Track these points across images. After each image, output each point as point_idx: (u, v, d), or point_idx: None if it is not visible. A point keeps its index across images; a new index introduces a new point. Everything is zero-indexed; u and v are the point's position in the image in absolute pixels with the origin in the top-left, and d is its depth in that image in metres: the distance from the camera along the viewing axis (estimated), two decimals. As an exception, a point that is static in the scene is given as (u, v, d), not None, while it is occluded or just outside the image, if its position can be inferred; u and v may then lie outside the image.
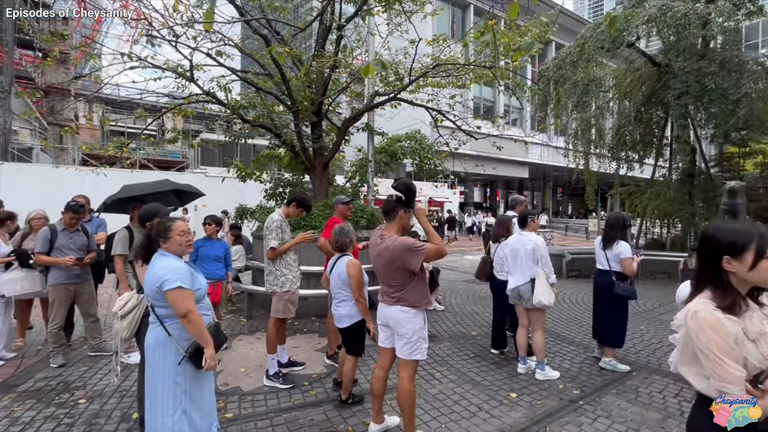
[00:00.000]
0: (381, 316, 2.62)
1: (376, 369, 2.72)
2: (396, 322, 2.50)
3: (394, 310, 2.50)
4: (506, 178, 27.35)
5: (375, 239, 2.61)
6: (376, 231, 2.67)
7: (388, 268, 2.48)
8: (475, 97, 22.75)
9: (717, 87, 8.13)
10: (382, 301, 2.60)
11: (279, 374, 3.51)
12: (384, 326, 2.62)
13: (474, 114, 10.56)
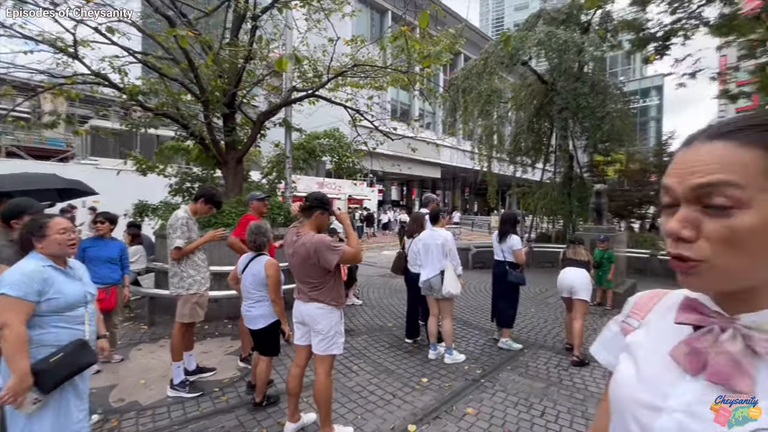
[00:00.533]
0: (297, 314, 2.61)
1: (292, 367, 2.70)
2: (312, 319, 2.52)
3: (311, 308, 2.51)
4: (421, 177, 28.86)
5: (290, 237, 2.60)
6: (291, 228, 2.65)
7: (303, 266, 2.48)
8: (392, 99, 23.52)
9: (588, 105, 9.69)
10: (298, 299, 2.60)
11: (185, 383, 3.28)
12: (300, 323, 2.62)
13: (391, 116, 10.94)
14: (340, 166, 7.49)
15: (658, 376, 0.58)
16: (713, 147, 0.51)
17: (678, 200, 0.53)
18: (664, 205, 0.56)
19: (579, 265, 4.23)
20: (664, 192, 0.55)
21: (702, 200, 0.50)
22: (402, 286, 7.72)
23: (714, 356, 0.53)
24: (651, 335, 0.64)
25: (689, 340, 0.57)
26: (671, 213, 0.54)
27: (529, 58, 10.49)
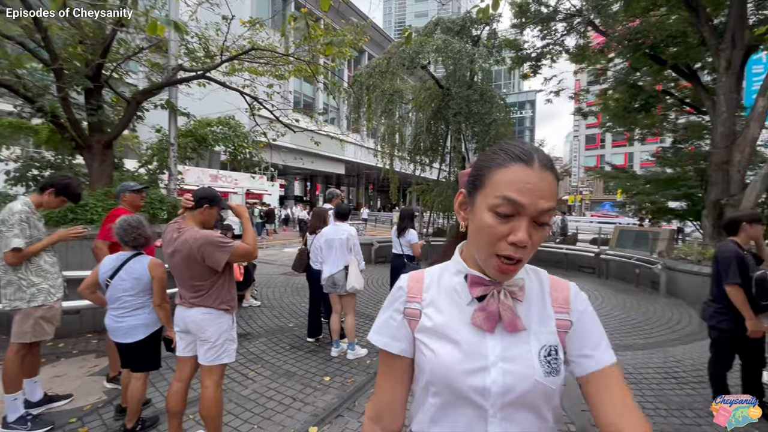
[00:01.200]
0: (179, 321, 2.29)
1: (173, 383, 2.34)
2: (198, 326, 2.22)
3: (195, 313, 2.22)
4: (325, 173, 28.53)
5: (170, 233, 2.26)
6: (171, 224, 2.32)
7: (186, 265, 2.18)
8: (295, 91, 22.70)
9: (478, 112, 10.69)
10: (180, 304, 2.28)
11: (26, 418, 2.63)
12: (182, 332, 2.30)
13: (293, 107, 10.53)
14: (236, 157, 6.90)
15: (471, 345, 0.72)
16: (548, 178, 0.67)
17: (521, 214, 0.66)
18: (504, 213, 0.67)
19: None
20: (510, 204, 0.66)
21: (538, 218, 0.66)
22: (304, 284, 7.51)
23: (503, 312, 0.72)
24: (446, 315, 0.76)
25: (482, 307, 0.73)
26: (503, 221, 0.67)
27: (428, 63, 11.12)
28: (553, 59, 12.45)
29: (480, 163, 0.74)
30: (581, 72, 15.93)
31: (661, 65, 9.67)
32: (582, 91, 14.89)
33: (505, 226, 0.66)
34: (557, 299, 0.77)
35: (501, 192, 0.66)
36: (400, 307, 0.81)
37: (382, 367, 0.83)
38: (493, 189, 0.68)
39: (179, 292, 2.30)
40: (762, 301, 2.88)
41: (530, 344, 0.72)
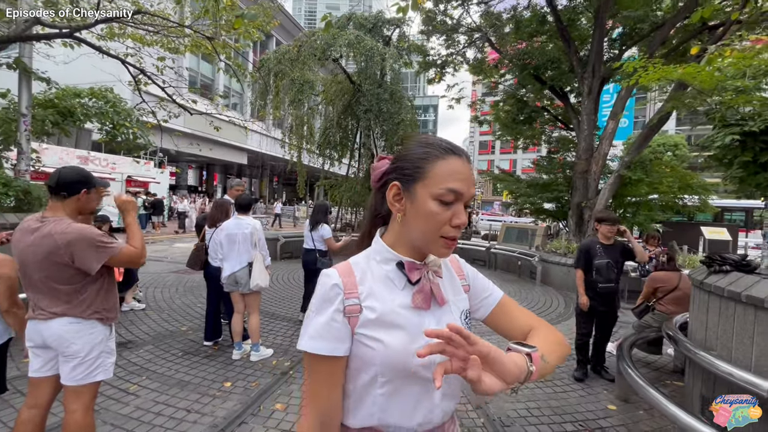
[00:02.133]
0: (33, 335, 1.83)
1: (23, 410, 1.86)
2: (61, 340, 1.80)
3: (57, 325, 1.79)
4: (225, 162, 26.25)
5: (27, 224, 1.81)
6: (30, 217, 1.86)
7: (46, 265, 1.75)
8: (190, 69, 20.36)
9: (387, 111, 10.98)
10: (34, 317, 1.82)
11: None
12: (38, 348, 1.85)
13: (188, 87, 9.45)
14: (115, 137, 5.87)
15: (415, 325, 0.78)
16: (471, 168, 0.79)
17: (460, 201, 0.76)
18: (447, 201, 0.75)
19: None
20: (454, 194, 0.75)
21: (468, 202, 0.77)
22: (199, 283, 6.83)
23: (435, 290, 0.82)
24: (387, 304, 0.79)
25: (419, 288, 0.81)
26: (447, 209, 0.75)
27: (340, 56, 11.00)
28: (456, 68, 13.45)
29: (413, 156, 0.79)
30: (478, 83, 17.55)
31: (542, 85, 11.15)
32: (479, 100, 16.41)
33: (448, 212, 0.75)
34: (456, 270, 0.94)
35: (445, 183, 0.75)
36: (340, 307, 0.78)
37: (321, 374, 0.78)
38: (436, 180, 0.75)
39: (32, 302, 1.84)
40: (599, 284, 3.60)
41: (453, 312, 0.85)
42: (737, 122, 3.06)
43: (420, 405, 0.79)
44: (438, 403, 0.81)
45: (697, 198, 10.10)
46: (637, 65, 3.96)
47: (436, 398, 0.81)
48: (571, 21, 10.34)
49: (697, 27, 8.67)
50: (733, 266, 2.62)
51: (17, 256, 1.83)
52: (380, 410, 0.79)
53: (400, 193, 0.80)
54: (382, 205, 0.89)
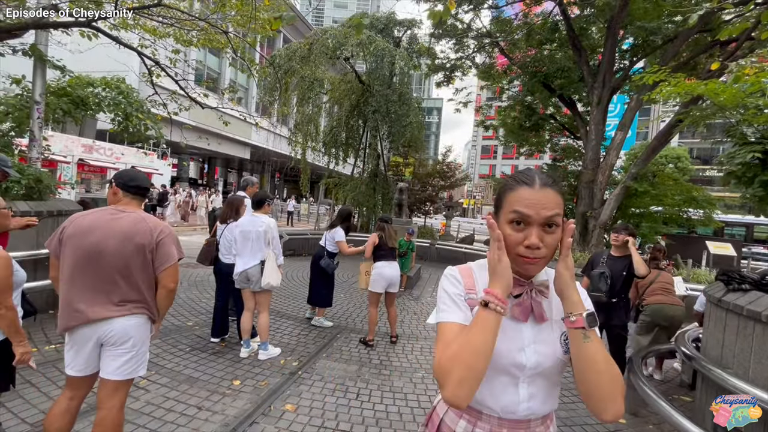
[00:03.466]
0: (87, 335, 1.83)
1: (61, 401, 1.89)
2: (123, 336, 1.86)
3: (123, 322, 1.86)
4: (227, 156, 26.20)
5: (104, 214, 1.93)
6: (94, 210, 1.96)
7: (126, 259, 1.86)
8: (198, 61, 20.34)
9: (395, 112, 10.98)
10: (92, 312, 1.81)
11: None
12: (86, 348, 1.85)
13: (196, 80, 9.43)
14: (127, 128, 5.84)
15: (513, 331, 0.93)
16: (549, 193, 0.89)
17: (528, 222, 0.88)
18: (513, 221, 0.90)
19: (393, 257, 4.48)
20: (519, 216, 0.89)
21: (545, 224, 0.88)
22: (204, 278, 6.82)
23: (535, 306, 0.94)
24: None
25: (518, 302, 0.94)
26: (519, 229, 0.89)
27: (351, 56, 11.01)
28: (464, 73, 13.45)
29: (498, 190, 0.99)
30: (485, 88, 17.55)
31: (551, 93, 11.16)
32: (484, 105, 16.41)
33: (521, 234, 0.89)
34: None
35: (512, 207, 0.90)
36: (462, 294, 0.96)
37: (446, 334, 0.92)
38: (507, 207, 0.92)
39: (90, 293, 1.83)
40: (591, 291, 3.57)
41: (554, 331, 0.96)
42: (758, 140, 3.07)
43: (505, 394, 0.93)
44: (523, 399, 0.93)
45: (701, 212, 10.12)
46: (656, 78, 3.97)
47: (521, 394, 0.93)
48: (583, 30, 10.35)
49: (708, 42, 8.69)
50: (752, 285, 2.62)
51: (86, 248, 1.84)
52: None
53: (494, 222, 0.95)
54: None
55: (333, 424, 2.81)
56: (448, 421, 1.01)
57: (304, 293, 6.12)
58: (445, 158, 18.60)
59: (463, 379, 0.81)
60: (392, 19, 11.93)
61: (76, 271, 1.83)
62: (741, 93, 3.36)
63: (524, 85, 12.15)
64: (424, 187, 16.91)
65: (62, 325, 1.85)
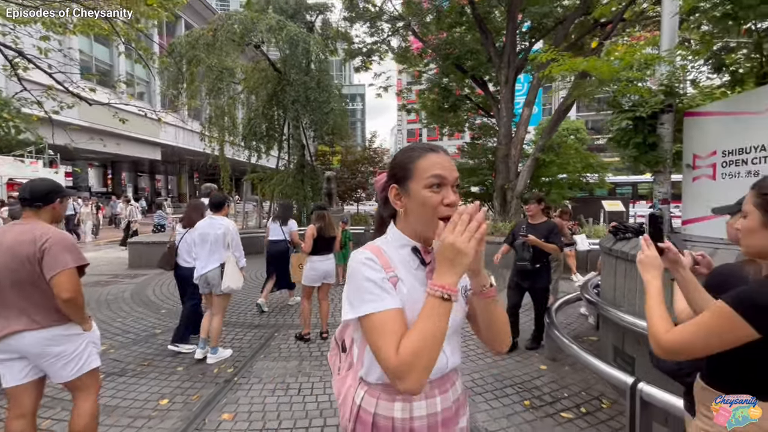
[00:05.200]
0: (8, 350, 1.85)
1: (11, 422, 1.88)
2: (53, 345, 1.89)
3: (45, 336, 1.86)
4: (134, 158, 23.51)
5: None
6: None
7: (14, 272, 1.82)
8: (83, 52, 17.74)
9: (315, 100, 10.69)
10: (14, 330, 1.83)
11: None
12: (14, 360, 1.88)
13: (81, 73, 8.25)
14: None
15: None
16: (449, 158, 0.97)
17: (444, 183, 0.93)
18: (433, 185, 0.92)
19: (328, 250, 4.27)
20: (439, 178, 0.92)
21: (453, 184, 0.94)
22: (118, 295, 6.18)
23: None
24: (407, 282, 0.95)
25: (431, 268, 0.97)
26: (436, 191, 0.92)
27: (262, 42, 10.41)
28: (381, 57, 13.52)
29: (401, 162, 0.98)
30: (404, 72, 17.86)
31: (464, 74, 11.70)
32: (405, 89, 16.73)
33: (438, 195, 0.92)
34: None
35: (429, 172, 0.92)
36: (385, 277, 0.92)
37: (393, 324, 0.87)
38: (422, 173, 0.93)
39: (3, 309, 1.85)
40: (516, 261, 3.99)
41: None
42: (630, 108, 3.53)
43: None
44: (449, 356, 1.00)
45: (596, 176, 11.51)
46: (549, 57, 4.36)
47: (447, 352, 0.99)
48: (487, 13, 10.95)
49: (591, 24, 9.74)
50: (634, 233, 3.04)
51: None
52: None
53: (399, 194, 0.98)
54: (386, 209, 1.06)
55: (275, 424, 2.73)
56: (382, 412, 0.97)
57: (236, 297, 5.86)
58: (372, 144, 18.70)
59: (428, 367, 0.82)
60: (302, 3, 11.48)
61: None
62: (615, 68, 3.83)
63: (440, 68, 12.59)
64: (353, 175, 16.89)
65: None
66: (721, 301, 0.98)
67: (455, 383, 1.06)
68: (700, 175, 3.33)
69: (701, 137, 3.33)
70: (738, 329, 0.94)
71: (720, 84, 3.87)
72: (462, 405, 1.07)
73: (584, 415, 2.83)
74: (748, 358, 0.99)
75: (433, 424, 0.98)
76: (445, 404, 1.00)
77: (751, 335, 0.93)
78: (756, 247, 1.04)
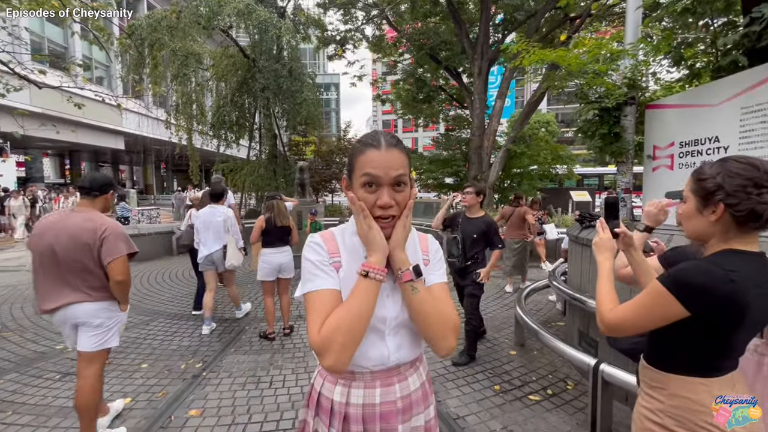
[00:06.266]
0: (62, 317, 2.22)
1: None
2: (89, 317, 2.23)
3: (87, 307, 2.21)
4: (94, 147, 22.18)
5: (58, 216, 2.25)
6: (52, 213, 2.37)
7: (76, 255, 2.16)
8: (33, 33, 16.46)
9: (287, 89, 10.42)
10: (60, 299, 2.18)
11: None
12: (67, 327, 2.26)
13: (32, 54, 7.69)
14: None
15: None
16: (395, 153, 0.91)
17: (378, 183, 0.90)
18: (365, 183, 0.91)
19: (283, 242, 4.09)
20: (370, 177, 0.90)
21: (394, 183, 0.90)
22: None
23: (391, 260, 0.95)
24: (352, 267, 0.95)
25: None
26: (371, 191, 0.91)
27: (230, 27, 10.00)
28: (355, 45, 13.30)
29: (349, 154, 0.98)
30: (378, 62, 17.67)
31: (438, 65, 11.71)
32: (379, 79, 16.58)
33: (373, 195, 0.91)
34: (422, 245, 1.09)
35: (363, 170, 0.91)
36: (327, 260, 0.95)
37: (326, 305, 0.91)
38: (359, 170, 0.92)
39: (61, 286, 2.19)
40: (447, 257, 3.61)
41: None
42: (596, 99, 3.63)
43: (374, 349, 0.95)
44: (393, 351, 0.97)
45: (565, 167, 11.87)
46: (519, 48, 4.41)
47: (390, 346, 0.97)
48: (461, 4, 10.96)
49: (561, 18, 9.94)
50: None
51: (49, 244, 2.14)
52: None
53: (348, 185, 0.98)
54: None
55: (245, 418, 2.67)
56: (325, 392, 1.01)
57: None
58: (346, 134, 18.48)
59: (346, 344, 0.85)
60: (272, -14, 11.09)
61: (40, 266, 2.19)
62: (582, 60, 3.91)
63: (414, 58, 12.53)
64: (328, 165, 16.64)
65: (40, 309, 2.22)
66: (656, 280, 1.02)
67: (407, 379, 1.01)
68: (659, 166, 3.47)
69: (661, 129, 3.46)
70: (669, 307, 0.98)
71: (679, 78, 4.03)
72: (415, 403, 1.02)
73: (550, 396, 2.93)
74: (681, 336, 1.03)
75: (370, 415, 0.96)
76: (386, 398, 0.97)
77: (681, 313, 0.97)
78: (693, 230, 1.09)
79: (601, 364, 2.33)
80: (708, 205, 1.02)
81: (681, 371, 1.04)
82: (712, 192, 1.01)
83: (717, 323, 0.96)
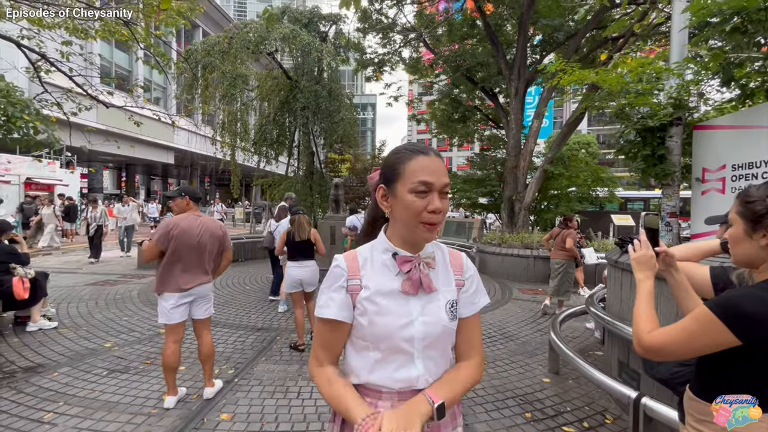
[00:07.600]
0: (192, 293, 2.91)
1: (170, 344, 2.86)
2: (207, 293, 3.03)
3: (207, 285, 3.02)
4: (148, 162, 23.96)
5: (193, 218, 2.96)
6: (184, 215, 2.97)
7: (211, 245, 3.01)
8: (103, 58, 18.28)
9: (326, 108, 10.84)
10: (199, 280, 2.93)
11: None
12: (187, 304, 2.91)
13: (101, 77, 8.51)
14: (10, 132, 5.05)
15: (400, 307, 0.95)
16: (441, 162, 0.94)
17: (431, 189, 0.90)
18: (420, 191, 0.90)
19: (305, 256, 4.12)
20: (424, 184, 0.90)
21: (442, 190, 0.92)
22: (125, 294, 6.25)
23: (423, 279, 0.95)
24: (381, 286, 0.96)
25: (408, 277, 0.95)
26: (422, 196, 0.90)
27: (275, 51, 10.63)
28: (393, 67, 13.66)
29: (391, 163, 0.97)
30: (415, 82, 18.01)
31: (474, 85, 11.76)
32: (415, 99, 16.86)
33: (424, 200, 0.90)
34: (455, 265, 1.06)
35: (416, 177, 0.90)
36: (343, 284, 0.97)
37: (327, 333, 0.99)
38: (409, 176, 0.91)
39: (196, 271, 2.93)
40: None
41: (440, 300, 0.98)
42: (639, 120, 3.52)
43: (402, 372, 0.95)
44: (422, 374, 0.96)
45: (606, 190, 11.39)
46: (558, 67, 4.38)
47: (419, 369, 0.96)
48: (498, 26, 11.03)
49: (602, 38, 9.75)
50: (640, 246, 2.99)
51: (194, 239, 2.89)
52: (368, 372, 0.97)
53: (386, 194, 0.98)
54: (377, 209, 1.04)
55: (273, 426, 2.73)
56: None
57: (240, 300, 6.02)
58: (381, 152, 18.79)
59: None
60: (317, 14, 11.70)
61: (186, 256, 2.85)
62: (624, 80, 3.82)
63: (450, 79, 12.67)
64: (362, 183, 16.94)
65: (174, 288, 2.84)
66: (704, 306, 0.97)
67: None
68: (709, 189, 3.28)
69: (711, 151, 3.29)
70: (719, 335, 0.93)
71: (730, 98, 3.83)
72: (443, 426, 0.99)
73: (587, 429, 2.77)
74: (733, 366, 0.98)
75: None
76: None
77: (731, 342, 0.92)
78: (742, 255, 1.04)
79: (643, 397, 2.19)
80: (758, 228, 0.98)
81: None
82: (763, 215, 0.97)
83: None
